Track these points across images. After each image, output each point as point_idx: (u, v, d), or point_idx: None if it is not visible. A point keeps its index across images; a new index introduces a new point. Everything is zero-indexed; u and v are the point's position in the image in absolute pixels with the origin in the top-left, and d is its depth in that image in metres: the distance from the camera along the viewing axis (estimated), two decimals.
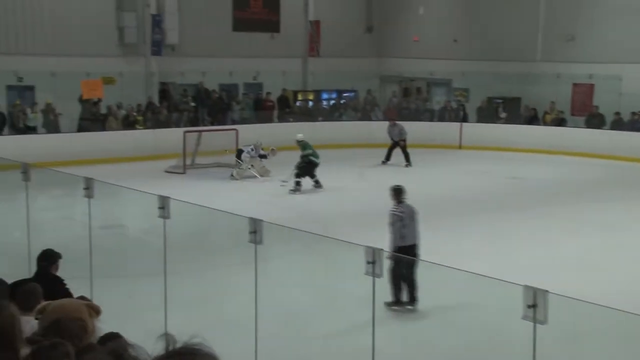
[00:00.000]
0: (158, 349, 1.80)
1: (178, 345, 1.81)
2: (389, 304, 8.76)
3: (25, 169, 8.28)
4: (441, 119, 24.97)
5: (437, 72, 26.78)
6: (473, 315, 8.72)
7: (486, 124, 24.00)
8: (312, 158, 16.99)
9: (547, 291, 4.27)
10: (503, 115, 24.40)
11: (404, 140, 20.65)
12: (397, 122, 21.24)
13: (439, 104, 26.21)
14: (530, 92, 24.81)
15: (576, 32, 24.15)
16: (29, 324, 3.95)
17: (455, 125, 24.03)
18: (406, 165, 20.30)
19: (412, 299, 8.95)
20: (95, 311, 3.89)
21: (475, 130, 23.77)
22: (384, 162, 20.60)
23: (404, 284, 8.89)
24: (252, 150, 18.27)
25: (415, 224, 9.11)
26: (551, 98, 23.84)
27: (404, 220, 9.01)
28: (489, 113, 24.70)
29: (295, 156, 17.30)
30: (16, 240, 8.42)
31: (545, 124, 23.51)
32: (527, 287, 4.30)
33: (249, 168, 18.16)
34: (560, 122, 23.24)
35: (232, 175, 18.14)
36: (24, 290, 4.67)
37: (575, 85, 24.12)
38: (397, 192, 9.38)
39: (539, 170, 19.74)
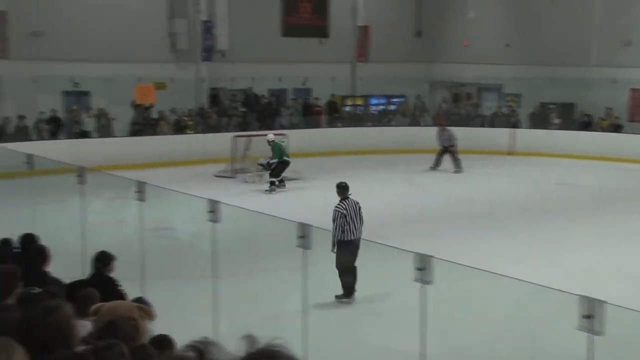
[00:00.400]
0: (240, 349, 1.81)
1: (260, 346, 1.81)
2: (338, 297, 9.22)
3: (80, 173, 8.46)
4: (492, 124, 24.67)
5: (487, 77, 26.46)
6: (524, 324, 8.57)
7: (538, 129, 23.61)
8: (286, 158, 17.47)
9: (604, 302, 4.16)
10: (556, 121, 23.98)
11: (454, 146, 20.44)
12: (446, 127, 21.03)
13: (490, 109, 25.89)
14: (584, 97, 24.31)
15: (633, 36, 23.59)
16: (85, 328, 4.04)
17: (506, 131, 23.71)
18: (455, 171, 20.08)
19: (350, 292, 9.30)
20: (146, 313, 3.97)
21: (527, 136, 23.40)
22: (432, 168, 20.43)
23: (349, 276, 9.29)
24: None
25: (358, 219, 9.39)
26: (606, 104, 23.32)
27: (346, 217, 9.28)
28: (541, 119, 24.30)
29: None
30: (71, 242, 8.60)
31: (601, 129, 23.01)
32: (582, 297, 4.20)
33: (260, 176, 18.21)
34: (616, 128, 22.72)
35: (245, 180, 18.37)
36: (82, 295, 4.76)
37: (633, 90, 23.55)
38: (342, 189, 9.64)
39: (592, 177, 19.34)
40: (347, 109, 25.91)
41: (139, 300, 5.14)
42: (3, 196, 10.61)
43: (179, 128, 21.76)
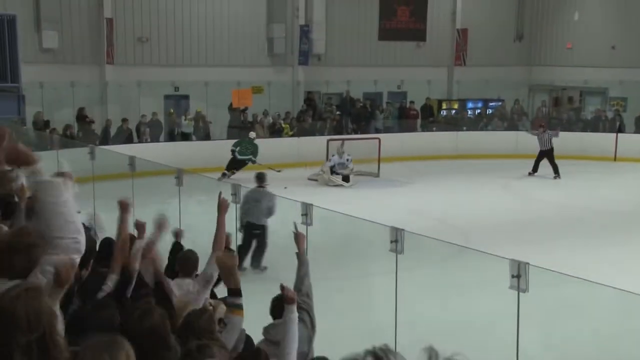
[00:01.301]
0: None
1: (441, 359, 1.82)
2: None
3: (179, 174, 8.72)
4: (595, 129, 23.79)
5: (592, 81, 25.55)
6: (627, 337, 8.21)
7: None
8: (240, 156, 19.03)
9: None
10: None
11: (552, 150, 19.66)
12: (547, 129, 20.30)
13: (592, 113, 25.00)
14: None
15: None
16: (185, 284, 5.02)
17: (611, 136, 22.80)
18: (555, 177, 19.46)
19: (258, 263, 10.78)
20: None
21: (632, 141, 22.43)
22: (530, 174, 19.88)
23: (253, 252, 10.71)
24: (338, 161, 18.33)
25: (259, 206, 10.66)
26: None
27: (248, 202, 10.46)
28: None
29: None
30: (169, 238, 8.85)
31: None
32: None
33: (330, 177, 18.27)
34: None
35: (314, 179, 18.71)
36: (183, 257, 5.74)
37: None
38: (257, 178, 11.15)
39: None
40: (443, 112, 25.61)
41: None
42: (106, 197, 11.05)
43: (275, 131, 22.06)
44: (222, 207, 5.80)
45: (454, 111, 25.80)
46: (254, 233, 10.79)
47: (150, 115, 20.95)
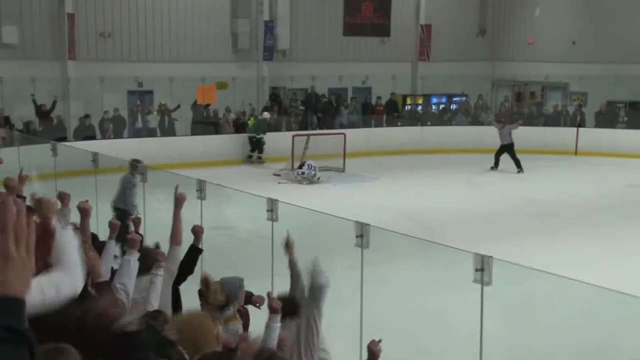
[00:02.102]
0: None
1: None
2: None
3: (142, 171, 8.61)
4: (556, 123, 24.12)
5: (553, 76, 25.91)
6: (592, 330, 8.32)
7: (605, 129, 22.95)
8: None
9: None
10: (624, 119, 23.28)
11: (512, 144, 19.84)
12: (507, 124, 20.53)
13: (554, 108, 25.35)
14: None
15: None
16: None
17: (572, 130, 23.14)
18: (518, 172, 19.67)
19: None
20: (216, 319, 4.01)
21: (593, 135, 22.79)
22: (492, 168, 20.08)
23: None
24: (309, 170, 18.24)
25: (125, 190, 10.80)
26: None
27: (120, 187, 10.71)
28: (608, 118, 23.63)
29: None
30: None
31: None
32: None
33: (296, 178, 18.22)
34: None
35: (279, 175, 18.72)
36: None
37: None
38: (130, 165, 11.04)
39: None
40: (408, 107, 25.73)
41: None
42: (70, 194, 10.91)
43: (239, 127, 21.95)
44: (178, 201, 5.77)
45: (418, 106, 25.94)
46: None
47: (113, 111, 20.69)
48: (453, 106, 25.88)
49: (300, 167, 18.47)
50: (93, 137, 19.70)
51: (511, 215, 14.71)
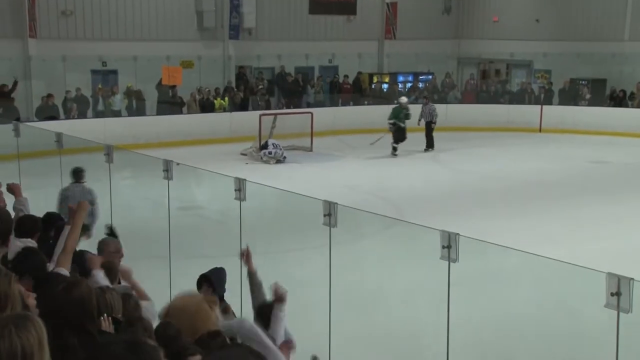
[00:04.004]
0: None
1: None
2: None
3: (108, 151, 8.52)
4: (520, 101, 24.38)
5: (517, 54, 26.14)
6: (554, 303, 8.52)
7: (569, 106, 23.28)
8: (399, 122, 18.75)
9: (632, 279, 4.11)
10: (587, 97, 23.62)
11: (435, 123, 20.05)
12: (430, 101, 20.74)
13: (518, 86, 25.61)
14: (617, 73, 23.88)
15: None
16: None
17: (536, 108, 23.41)
18: (426, 150, 19.70)
19: None
20: (214, 303, 3.93)
21: (557, 112, 23.09)
22: (426, 150, 19.89)
23: None
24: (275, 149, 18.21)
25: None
26: None
27: (65, 200, 9.15)
28: (572, 95, 23.97)
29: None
30: (99, 222, 8.69)
31: (635, 106, 22.56)
32: (610, 275, 4.15)
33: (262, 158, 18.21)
34: None
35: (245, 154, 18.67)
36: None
37: None
38: (73, 174, 9.80)
39: (625, 155, 19.05)
40: (374, 86, 25.77)
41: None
42: (32, 176, 10.75)
43: (206, 107, 21.82)
44: (79, 209, 5.01)
45: (385, 85, 25.99)
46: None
47: (75, 91, 20.39)
48: (420, 84, 25.98)
49: (264, 147, 18.44)
50: (56, 117, 19.42)
51: (476, 192, 14.89)
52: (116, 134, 18.21)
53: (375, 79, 26.05)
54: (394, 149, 19.10)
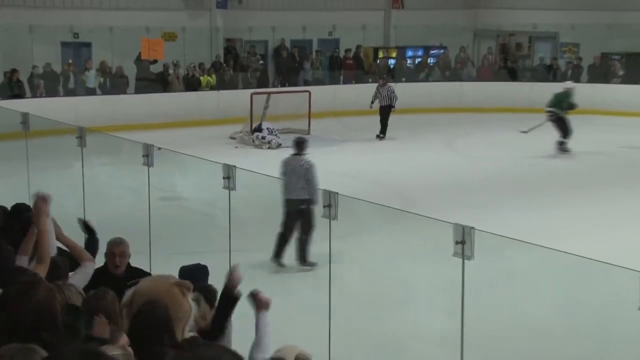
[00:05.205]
0: None
1: None
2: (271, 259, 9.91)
3: (80, 134, 8.53)
4: (544, 79, 24.36)
5: (541, 25, 26.08)
6: (580, 304, 8.57)
7: (599, 84, 23.24)
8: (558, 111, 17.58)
9: None
10: (620, 73, 23.60)
11: (393, 107, 19.36)
12: (388, 82, 20.04)
13: (543, 61, 25.57)
14: None
15: None
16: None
17: (563, 85, 23.33)
18: (379, 137, 19.23)
19: (300, 259, 9.89)
20: (187, 289, 3.78)
21: (586, 91, 23.00)
22: (380, 137, 19.33)
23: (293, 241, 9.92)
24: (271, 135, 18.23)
25: (296, 179, 9.93)
26: None
27: (285, 174, 10.04)
28: (603, 71, 23.95)
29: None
30: (70, 213, 8.71)
31: None
32: None
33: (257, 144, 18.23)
34: None
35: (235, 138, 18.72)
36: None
37: None
38: (294, 145, 10.46)
39: None
40: (379, 62, 25.74)
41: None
42: None
43: (190, 84, 21.80)
44: (36, 208, 4.93)
45: (391, 60, 25.95)
46: (293, 213, 9.95)
47: (43, 66, 20.35)
48: (430, 60, 25.95)
49: (258, 129, 18.44)
50: (21, 96, 19.40)
51: (494, 182, 14.90)
52: (90, 114, 18.20)
53: (380, 54, 26.00)
54: (562, 145, 17.46)
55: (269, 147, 17.95)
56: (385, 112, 19.44)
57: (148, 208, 7.95)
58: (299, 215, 9.86)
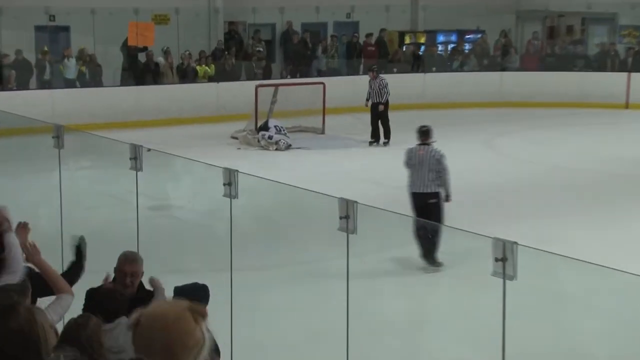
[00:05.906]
0: None
1: None
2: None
3: (58, 133, 8.59)
4: (601, 68, 24.33)
5: (596, 4, 26.04)
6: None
7: None
8: None
9: None
10: None
11: (384, 105, 18.70)
12: (379, 75, 19.34)
13: (599, 47, 25.53)
14: None
15: None
16: None
17: (621, 76, 23.35)
18: (384, 143, 18.68)
19: (427, 258, 10.12)
20: (200, 314, 3.81)
21: None
22: (372, 142, 18.90)
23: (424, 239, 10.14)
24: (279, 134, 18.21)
25: (426, 170, 10.46)
26: None
27: (411, 165, 10.59)
28: None
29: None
30: (46, 223, 8.77)
31: None
32: None
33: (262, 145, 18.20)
34: None
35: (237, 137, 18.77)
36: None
37: None
38: (420, 134, 10.87)
39: None
40: (405, 48, 25.78)
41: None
42: None
43: (185, 75, 21.88)
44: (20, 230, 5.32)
45: (420, 47, 25.99)
46: (419, 208, 10.41)
47: (14, 54, 20.48)
48: (465, 46, 25.97)
49: (264, 128, 18.46)
50: None
51: (541, 189, 14.89)
52: (68, 110, 18.31)
53: (407, 39, 26.04)
54: None
55: (276, 149, 17.99)
56: (375, 111, 18.83)
57: (136, 219, 7.99)
58: (426, 210, 10.25)
